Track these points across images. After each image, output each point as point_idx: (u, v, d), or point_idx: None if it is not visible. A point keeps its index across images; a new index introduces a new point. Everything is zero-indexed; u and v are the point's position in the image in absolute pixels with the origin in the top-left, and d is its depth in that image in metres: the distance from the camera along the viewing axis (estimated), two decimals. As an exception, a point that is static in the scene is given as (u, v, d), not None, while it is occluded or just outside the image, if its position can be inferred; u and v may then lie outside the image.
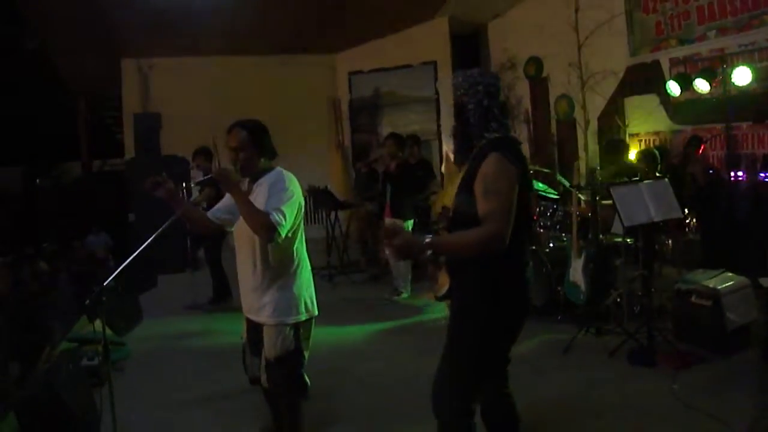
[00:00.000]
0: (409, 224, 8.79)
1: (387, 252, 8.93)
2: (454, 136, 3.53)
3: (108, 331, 5.91)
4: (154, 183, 3.97)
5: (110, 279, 3.58)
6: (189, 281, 9.03)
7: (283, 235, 3.84)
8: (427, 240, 3.10)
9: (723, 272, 6.19)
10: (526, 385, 5.56)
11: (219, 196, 4.29)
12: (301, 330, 4.13)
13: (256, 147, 4.02)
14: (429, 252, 3.12)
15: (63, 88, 14.14)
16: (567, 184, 7.95)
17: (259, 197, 3.94)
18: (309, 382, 4.30)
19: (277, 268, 4.05)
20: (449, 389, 3.44)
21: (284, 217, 3.79)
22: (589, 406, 5.02)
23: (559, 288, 7.18)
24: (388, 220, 8.78)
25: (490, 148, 3.24)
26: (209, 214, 4.25)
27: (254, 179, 4.10)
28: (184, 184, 8.87)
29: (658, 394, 5.11)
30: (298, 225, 4.08)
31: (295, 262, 4.14)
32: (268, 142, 4.11)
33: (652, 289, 6.49)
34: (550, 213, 7.69)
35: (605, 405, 5.03)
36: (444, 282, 3.46)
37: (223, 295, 8.60)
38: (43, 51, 12.53)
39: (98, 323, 3.58)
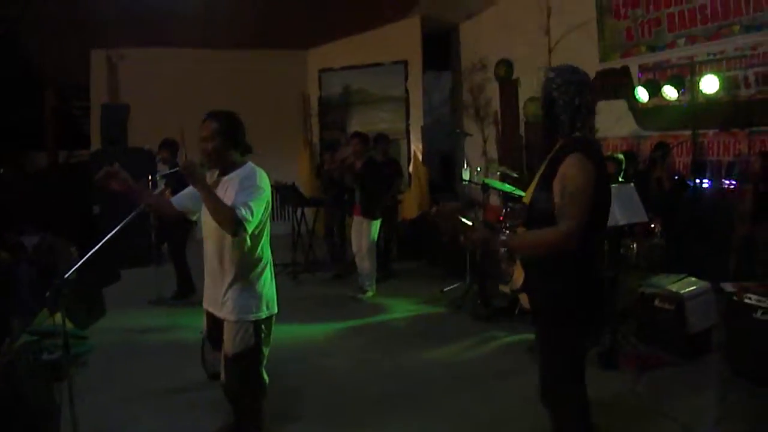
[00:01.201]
0: (376, 224, 8.75)
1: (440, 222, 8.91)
2: (545, 132, 3.53)
3: (70, 325, 5.84)
4: (106, 175, 3.93)
5: (72, 271, 3.52)
6: (153, 276, 8.94)
7: (249, 231, 3.82)
8: (503, 238, 3.32)
9: (686, 277, 6.27)
10: (490, 386, 5.61)
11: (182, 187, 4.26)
12: (262, 327, 4.12)
13: (227, 138, 3.99)
14: (503, 249, 3.41)
15: (30, 76, 13.95)
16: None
17: (229, 191, 3.91)
18: (267, 380, 4.28)
19: (243, 264, 4.03)
20: (564, 400, 3.49)
21: (251, 212, 3.76)
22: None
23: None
24: (355, 223, 8.74)
25: (572, 148, 3.27)
26: (173, 200, 4.23)
27: (225, 172, 4.06)
28: (150, 177, 8.84)
29: (620, 395, 5.16)
30: (265, 222, 4.06)
31: (261, 260, 4.12)
32: (241, 136, 4.07)
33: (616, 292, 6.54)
34: (518, 215, 7.73)
35: (568, 406, 5.06)
36: (519, 276, 3.47)
37: (186, 290, 8.54)
38: (10, 38, 12.35)
39: (59, 316, 3.53)
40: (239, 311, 4.05)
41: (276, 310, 4.24)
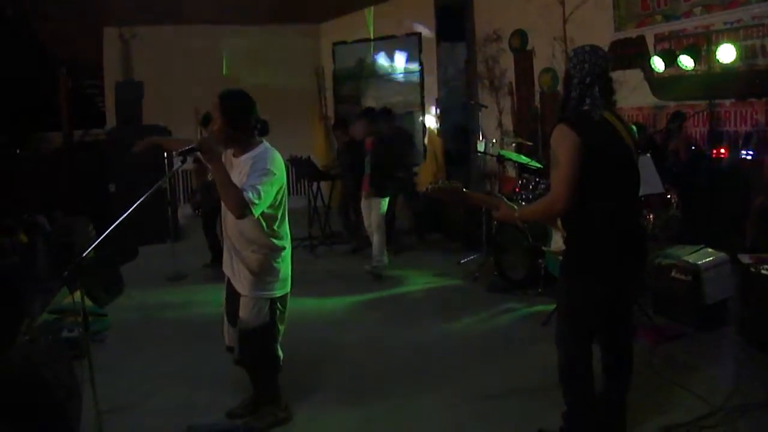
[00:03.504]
0: (385, 201, 8.62)
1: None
2: (560, 105, 3.80)
3: (89, 303, 5.89)
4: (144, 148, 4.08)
5: (89, 250, 3.55)
6: (170, 252, 9.01)
7: (256, 214, 3.83)
8: (516, 214, 3.69)
9: (703, 248, 6.24)
10: (507, 357, 5.66)
11: None
12: (277, 305, 4.16)
13: (231, 118, 4.02)
14: (518, 220, 3.83)
15: (43, 56, 13.96)
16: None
17: (242, 173, 3.92)
18: (282, 356, 4.33)
19: (260, 243, 4.07)
20: (561, 337, 3.79)
21: (259, 195, 3.77)
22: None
23: (540, 261, 7.21)
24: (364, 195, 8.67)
25: (559, 120, 3.55)
26: None
27: (240, 153, 4.08)
28: (165, 154, 8.86)
29: (637, 367, 5.13)
30: (281, 202, 4.08)
31: (279, 240, 4.15)
32: (247, 114, 4.08)
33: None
34: (533, 186, 7.69)
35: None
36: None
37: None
38: (23, 17, 12.35)
39: (78, 295, 3.56)
40: (255, 288, 4.10)
41: (289, 289, 4.28)
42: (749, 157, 7.85)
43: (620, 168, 3.54)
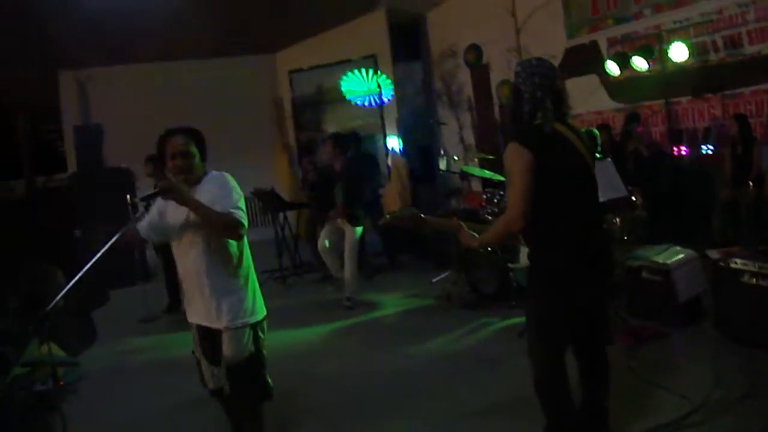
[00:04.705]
0: (359, 231, 8.34)
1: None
2: (510, 120, 3.76)
3: (62, 353, 5.78)
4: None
5: (56, 300, 3.48)
6: (141, 294, 8.88)
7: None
8: (476, 243, 3.78)
9: (671, 246, 6.28)
10: (486, 373, 5.61)
11: None
12: (258, 330, 4.09)
13: (201, 152, 4.00)
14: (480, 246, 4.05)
15: (0, 103, 13.84)
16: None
17: (203, 201, 3.83)
18: (272, 383, 4.25)
19: (230, 271, 3.99)
20: (532, 349, 3.73)
21: (245, 212, 3.83)
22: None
23: (510, 274, 7.20)
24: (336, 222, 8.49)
25: (511, 138, 3.49)
26: (140, 230, 4.19)
27: (193, 183, 4.00)
28: (129, 197, 8.75)
29: (616, 371, 5.12)
30: None
31: (246, 264, 4.09)
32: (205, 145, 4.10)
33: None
34: (498, 199, 7.68)
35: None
36: None
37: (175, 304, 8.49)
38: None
39: (48, 346, 3.49)
40: (236, 318, 3.99)
41: (265, 312, 4.20)
42: (710, 152, 7.93)
43: (576, 179, 3.50)
